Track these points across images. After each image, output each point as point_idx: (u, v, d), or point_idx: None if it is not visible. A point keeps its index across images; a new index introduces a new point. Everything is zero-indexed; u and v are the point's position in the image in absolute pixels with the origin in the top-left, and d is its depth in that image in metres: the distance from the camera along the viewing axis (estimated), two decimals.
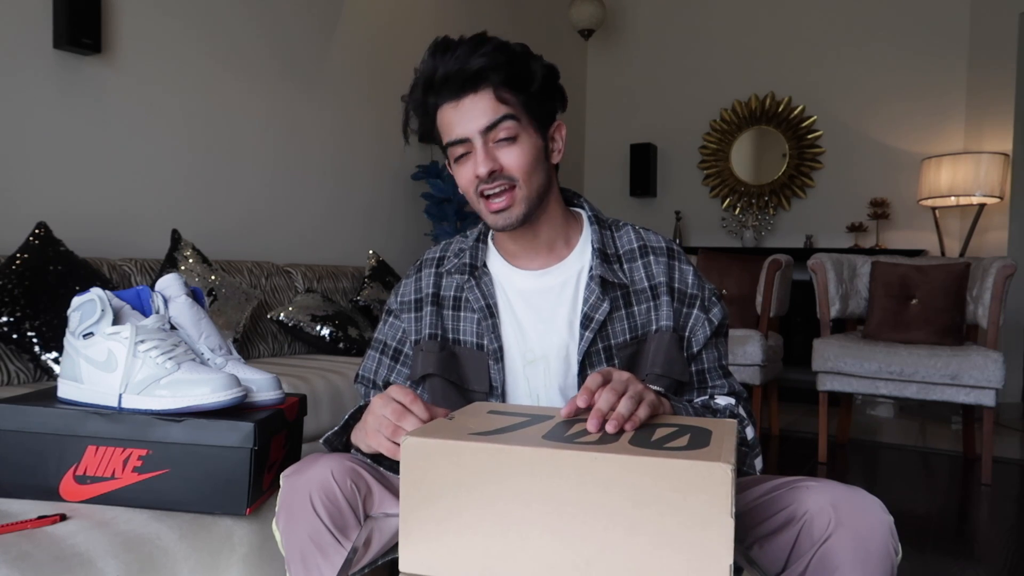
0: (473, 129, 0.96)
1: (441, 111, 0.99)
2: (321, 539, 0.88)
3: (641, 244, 1.07)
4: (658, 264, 1.05)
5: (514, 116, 0.96)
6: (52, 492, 1.05)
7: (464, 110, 0.96)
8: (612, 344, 1.02)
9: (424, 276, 1.12)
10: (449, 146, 0.99)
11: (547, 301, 1.04)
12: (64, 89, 2.33)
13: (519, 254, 1.07)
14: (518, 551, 0.64)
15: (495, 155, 0.96)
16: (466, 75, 0.95)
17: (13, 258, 1.87)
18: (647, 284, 1.05)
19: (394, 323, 1.14)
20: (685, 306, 1.04)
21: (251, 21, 2.97)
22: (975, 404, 2.75)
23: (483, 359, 1.04)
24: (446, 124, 0.99)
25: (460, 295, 1.08)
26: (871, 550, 0.80)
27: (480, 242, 1.11)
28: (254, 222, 3.01)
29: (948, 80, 4.24)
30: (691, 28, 4.93)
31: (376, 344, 1.16)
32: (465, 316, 1.07)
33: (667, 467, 0.61)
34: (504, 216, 0.98)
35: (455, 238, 1.16)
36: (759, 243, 4.73)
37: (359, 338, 2.62)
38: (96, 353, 1.05)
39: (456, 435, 0.68)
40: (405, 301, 1.13)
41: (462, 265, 1.08)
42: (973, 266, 3.00)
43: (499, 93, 0.96)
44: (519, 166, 0.97)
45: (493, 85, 0.96)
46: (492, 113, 0.96)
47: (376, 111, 3.64)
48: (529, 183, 0.98)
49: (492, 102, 0.96)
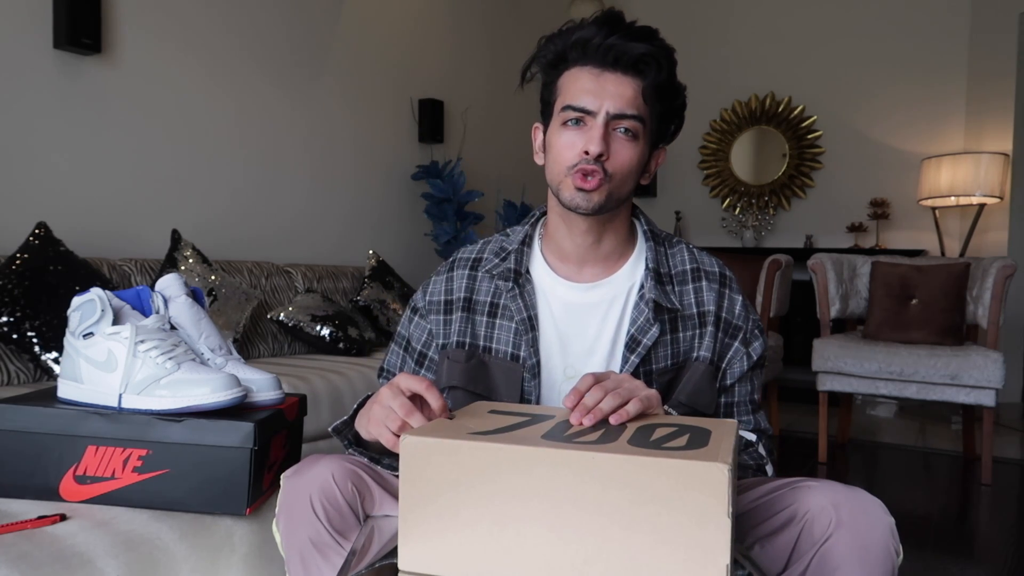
0: (604, 107, 0.91)
1: (577, 71, 0.94)
2: (321, 540, 0.88)
3: (695, 267, 1.03)
4: (710, 291, 1.02)
5: (644, 119, 0.93)
6: (52, 492, 1.05)
7: (605, 83, 0.92)
8: (654, 368, 0.99)
9: (456, 277, 1.06)
10: (566, 109, 0.93)
11: (594, 317, 1.00)
12: (64, 89, 2.33)
13: (571, 259, 1.02)
14: (517, 549, 0.65)
15: (610, 141, 0.92)
16: (625, 54, 0.91)
17: (13, 258, 1.87)
18: (695, 311, 1.01)
19: (420, 323, 1.09)
20: (728, 337, 1.02)
21: (251, 21, 2.97)
22: (975, 404, 2.75)
23: (517, 371, 1.00)
24: (577, 87, 0.93)
25: (498, 301, 1.03)
26: (872, 551, 0.80)
27: (526, 245, 1.05)
28: (254, 222, 3.01)
29: (948, 80, 4.24)
30: (691, 28, 4.93)
31: (400, 340, 1.12)
32: (501, 324, 1.02)
33: (665, 466, 0.61)
34: (585, 197, 0.92)
35: (494, 237, 1.09)
36: (759, 243, 4.73)
37: (359, 338, 2.62)
38: (96, 353, 1.05)
39: (455, 434, 0.68)
40: (434, 301, 1.07)
41: (506, 271, 1.02)
42: (973, 266, 3.00)
43: (645, 90, 0.93)
44: (623, 164, 0.93)
45: (644, 80, 0.92)
46: (630, 104, 0.92)
47: (376, 111, 3.64)
48: (621, 185, 0.94)
49: (634, 94, 0.92)
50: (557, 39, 0.96)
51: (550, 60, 0.97)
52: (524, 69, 1.00)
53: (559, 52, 0.96)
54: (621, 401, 0.76)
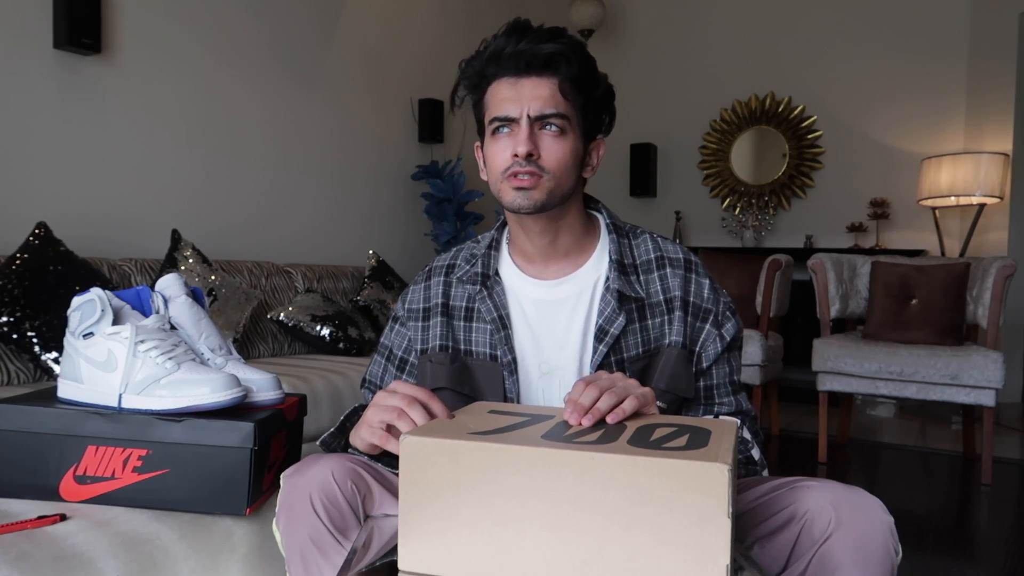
0: (526, 112, 0.94)
1: (497, 84, 0.97)
2: (321, 539, 0.88)
3: (659, 255, 1.05)
4: (675, 277, 1.04)
5: (567, 116, 0.95)
6: (52, 492, 1.05)
7: (522, 89, 0.94)
8: (625, 357, 1.01)
9: (433, 284, 1.10)
10: (493, 121, 0.97)
11: (562, 312, 1.02)
12: (64, 89, 2.33)
13: (535, 259, 1.04)
14: (516, 550, 0.65)
15: (537, 141, 0.94)
16: (535, 57, 0.93)
17: (13, 258, 1.87)
18: (662, 297, 1.03)
19: (400, 331, 1.12)
20: (699, 320, 1.03)
21: (251, 21, 2.97)
22: (975, 404, 2.74)
23: (497, 371, 1.02)
24: (498, 99, 0.96)
25: (472, 305, 1.06)
26: (871, 550, 0.80)
27: (493, 249, 1.08)
28: (254, 222, 3.01)
29: (948, 80, 4.24)
30: (691, 28, 4.93)
31: (382, 350, 1.14)
32: (477, 327, 1.05)
33: (665, 467, 0.61)
34: (523, 196, 0.95)
35: (466, 244, 1.13)
36: (759, 243, 4.73)
37: (359, 338, 2.62)
38: (96, 353, 1.05)
39: (455, 434, 0.68)
40: (413, 309, 1.10)
41: (474, 275, 1.05)
42: (973, 266, 3.00)
43: (562, 85, 0.94)
44: (556, 160, 0.95)
45: (559, 76, 0.94)
46: (550, 104, 0.94)
47: (377, 111, 3.64)
48: (558, 179, 0.96)
49: (553, 92, 0.94)
50: (475, 59, 0.99)
51: (473, 80, 1.00)
52: (452, 94, 1.03)
53: (478, 71, 0.99)
54: (617, 399, 0.77)
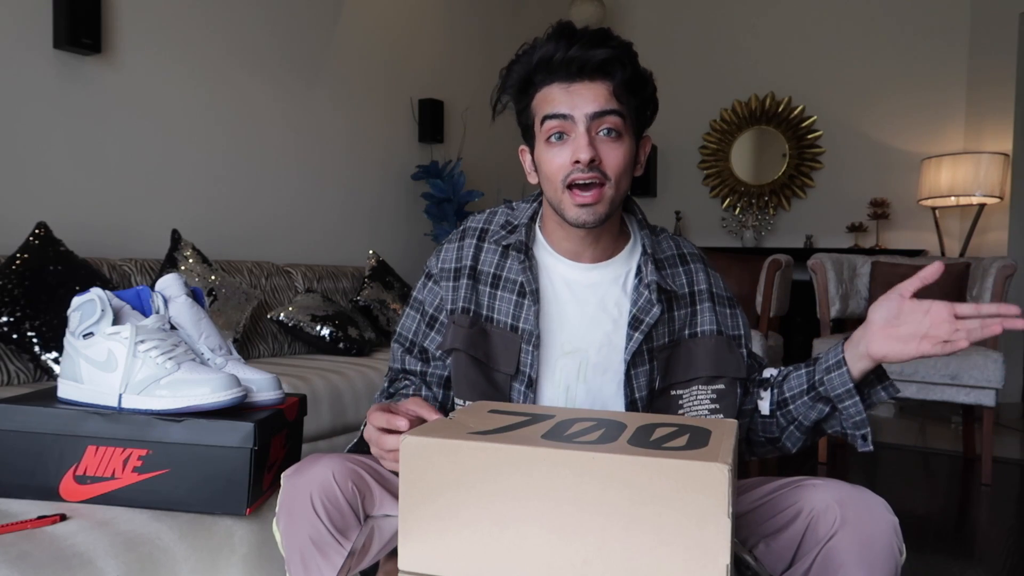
0: (582, 111, 0.93)
1: (547, 90, 0.96)
2: (321, 539, 0.88)
3: (680, 252, 1.09)
4: (698, 271, 1.08)
5: (622, 114, 0.94)
6: (52, 492, 1.05)
7: (575, 93, 0.93)
8: (655, 346, 1.02)
9: (466, 246, 1.08)
10: (546, 120, 0.95)
11: (593, 296, 1.03)
12: (64, 89, 2.33)
13: (570, 249, 1.04)
14: (517, 549, 0.65)
15: (596, 146, 0.94)
16: (588, 62, 0.92)
17: (13, 258, 1.87)
18: (687, 291, 1.06)
19: (433, 288, 1.10)
20: (727, 308, 1.08)
21: (251, 22, 2.97)
22: (975, 404, 2.75)
23: (515, 341, 1.01)
24: (548, 101, 0.95)
25: (500, 273, 1.05)
26: (876, 549, 0.80)
27: (533, 222, 1.07)
28: (254, 222, 3.01)
29: (948, 80, 4.23)
30: (691, 28, 4.93)
31: (415, 304, 1.13)
32: (503, 296, 1.04)
33: (665, 466, 0.61)
34: (589, 212, 0.94)
35: (499, 209, 1.11)
36: (759, 243, 4.73)
37: (359, 338, 2.62)
38: (96, 353, 1.05)
39: (455, 434, 0.68)
40: (446, 268, 1.08)
41: (518, 243, 1.04)
42: (973, 266, 3.00)
43: (616, 90, 0.94)
44: (616, 164, 0.94)
45: (613, 81, 0.94)
46: (605, 102, 0.93)
47: (377, 111, 3.64)
48: (618, 185, 0.95)
49: (606, 93, 0.93)
50: (519, 64, 0.98)
51: (518, 86, 0.99)
52: (494, 101, 1.02)
53: (525, 76, 0.98)
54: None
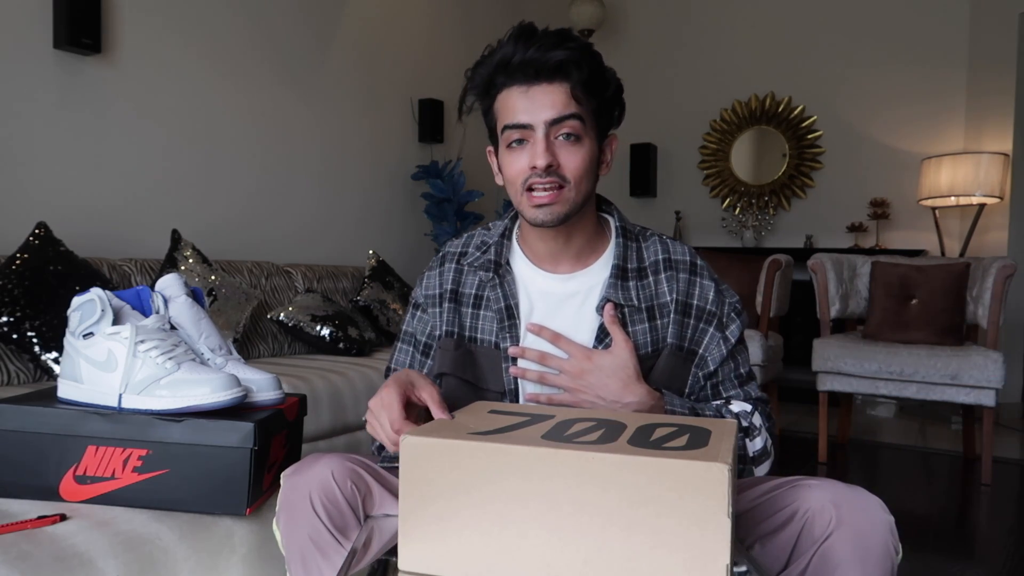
0: (540, 118, 0.93)
1: (507, 93, 0.97)
2: (321, 539, 0.88)
3: (666, 257, 1.05)
4: (679, 280, 1.04)
5: (581, 117, 0.95)
6: (52, 492, 1.05)
7: (534, 97, 0.94)
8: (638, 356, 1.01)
9: (446, 271, 1.10)
10: (506, 129, 0.96)
11: (570, 306, 1.02)
12: (64, 89, 2.33)
13: (546, 257, 1.04)
14: (516, 550, 0.65)
15: (555, 151, 0.94)
16: (546, 64, 0.93)
17: (13, 258, 1.87)
18: (668, 299, 1.03)
19: (422, 317, 1.12)
20: (702, 323, 1.03)
21: (250, 22, 2.97)
22: (975, 404, 2.74)
23: (500, 359, 1.02)
24: (509, 107, 0.96)
25: (481, 293, 1.06)
26: (871, 549, 0.80)
27: (505, 239, 1.08)
28: (254, 222, 3.01)
29: (948, 80, 4.23)
30: (691, 28, 4.92)
31: (406, 337, 1.14)
32: (485, 315, 1.05)
33: (665, 467, 0.61)
34: (546, 212, 0.95)
35: (477, 231, 1.13)
36: (759, 243, 4.72)
37: (359, 338, 2.62)
38: (96, 353, 1.05)
39: (455, 434, 0.68)
40: (430, 295, 1.10)
41: (486, 262, 1.05)
42: (973, 266, 3.00)
43: (574, 91, 0.94)
44: (575, 168, 0.95)
45: (570, 82, 0.94)
46: (563, 107, 0.93)
47: (377, 111, 3.64)
48: (579, 187, 0.96)
49: (565, 97, 0.94)
50: (482, 66, 0.99)
51: (481, 88, 1.00)
52: (460, 102, 1.03)
53: (487, 78, 0.99)
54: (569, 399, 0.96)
